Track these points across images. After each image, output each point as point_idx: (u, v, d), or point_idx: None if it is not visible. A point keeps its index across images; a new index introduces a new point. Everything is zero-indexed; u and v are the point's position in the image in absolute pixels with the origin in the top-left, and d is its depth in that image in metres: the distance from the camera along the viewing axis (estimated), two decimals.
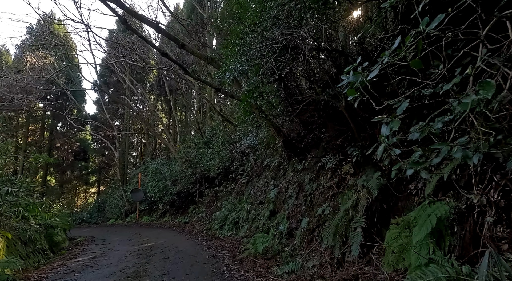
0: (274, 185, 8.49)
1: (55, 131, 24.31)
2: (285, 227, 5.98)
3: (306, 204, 6.08)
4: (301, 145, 7.47)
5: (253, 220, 8.11)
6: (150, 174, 16.57)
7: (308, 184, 6.41)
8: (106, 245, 9.35)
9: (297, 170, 7.31)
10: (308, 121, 7.12)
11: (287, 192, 7.42)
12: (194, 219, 14.02)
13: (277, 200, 7.65)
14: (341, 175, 5.18)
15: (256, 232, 7.29)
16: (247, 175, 11.39)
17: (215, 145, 12.70)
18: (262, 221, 7.31)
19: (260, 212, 8.15)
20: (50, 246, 8.86)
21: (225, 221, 9.99)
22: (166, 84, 20.65)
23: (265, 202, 8.51)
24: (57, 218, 11.61)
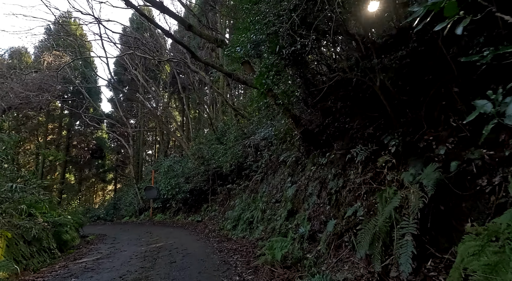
0: (292, 182, 7.63)
1: (73, 130, 24.61)
2: (307, 230, 5.13)
3: (331, 204, 5.19)
4: (322, 137, 6.57)
5: (268, 220, 7.30)
6: (162, 171, 16.16)
7: (332, 180, 5.52)
8: (115, 245, 8.87)
9: (318, 165, 6.43)
10: (330, 110, 6.20)
11: (306, 189, 6.55)
12: (207, 217, 13.41)
13: (296, 198, 6.80)
14: (376, 169, 4.26)
15: (272, 234, 6.47)
16: (262, 172, 10.59)
17: (227, 140, 12.00)
18: (279, 222, 6.48)
19: (276, 212, 7.33)
20: (58, 244, 8.46)
21: (238, 220, 9.25)
22: (179, 81, 20.22)
23: (281, 201, 7.68)
24: (69, 215, 11.37)
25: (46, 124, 22.82)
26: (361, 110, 5.06)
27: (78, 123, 25.12)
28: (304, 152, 7.95)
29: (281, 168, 9.54)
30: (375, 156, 4.43)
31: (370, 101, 4.90)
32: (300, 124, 6.81)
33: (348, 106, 5.42)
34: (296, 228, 5.74)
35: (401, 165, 3.83)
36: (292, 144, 8.88)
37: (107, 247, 8.42)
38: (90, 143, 24.22)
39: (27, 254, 6.64)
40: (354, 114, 5.27)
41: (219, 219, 12.08)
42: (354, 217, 4.25)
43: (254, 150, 10.87)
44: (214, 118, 15.01)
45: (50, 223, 8.54)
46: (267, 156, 10.05)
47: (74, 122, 24.46)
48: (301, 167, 7.84)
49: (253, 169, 11.17)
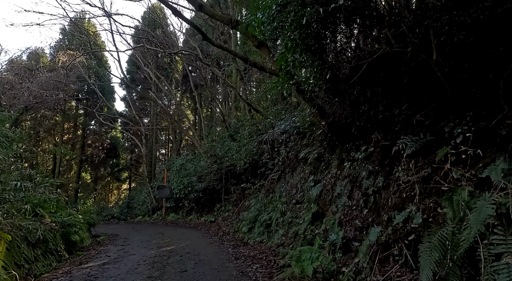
0: (315, 181, 6.78)
1: (88, 129, 24.69)
2: (339, 237, 4.28)
3: (368, 206, 4.32)
4: (351, 129, 5.68)
5: (289, 223, 6.48)
6: (175, 170, 15.64)
7: (367, 178, 4.64)
8: (125, 246, 8.33)
9: (347, 161, 5.55)
10: (364, 96, 5.29)
11: (333, 189, 5.69)
12: (220, 218, 12.73)
13: (321, 199, 5.95)
14: (433, 164, 3.36)
15: (295, 240, 5.66)
16: (278, 170, 9.77)
17: (241, 137, 11.25)
18: (302, 226, 5.65)
19: (298, 214, 6.50)
20: (67, 246, 7.99)
21: (254, 222, 8.48)
22: (191, 79, 19.71)
23: (303, 202, 6.84)
24: (80, 214, 10.97)
25: (62, 124, 22.97)
26: (407, 94, 4.15)
27: (93, 122, 25.19)
28: (328, 147, 7.08)
29: (300, 166, 8.69)
30: (430, 147, 3.53)
31: (418, 83, 3.99)
32: (325, 115, 5.95)
33: (389, 91, 4.52)
34: (325, 234, 4.90)
35: (473, 158, 2.92)
36: (313, 139, 8.02)
37: (117, 250, 7.87)
38: (104, 142, 24.20)
39: (31, 257, 6.13)
40: (396, 100, 4.36)
41: (233, 220, 11.37)
42: (404, 224, 3.37)
43: (270, 147, 10.07)
44: (227, 115, 14.33)
45: (59, 223, 8.09)
46: (285, 152, 9.22)
47: (89, 122, 24.53)
48: (325, 164, 6.98)
49: (269, 167, 10.37)
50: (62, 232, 7.97)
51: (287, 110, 7.92)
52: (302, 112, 6.50)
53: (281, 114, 8.55)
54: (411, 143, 3.56)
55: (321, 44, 4.14)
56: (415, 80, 4.02)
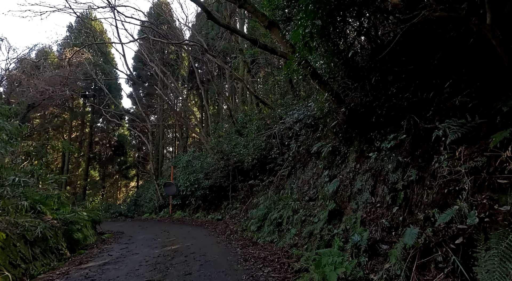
0: (330, 177, 6.21)
1: (95, 126, 24.61)
2: (363, 239, 3.71)
3: (398, 203, 3.73)
4: (372, 118, 5.08)
5: (302, 222, 5.93)
6: (181, 167, 15.24)
7: (394, 172, 4.05)
8: (128, 245, 7.94)
9: (368, 153, 4.95)
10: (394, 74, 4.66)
11: (352, 185, 5.11)
12: (228, 216, 12.27)
13: (338, 196, 5.37)
14: (484, 152, 2.76)
15: (310, 241, 5.11)
16: (288, 166, 9.22)
17: (249, 132, 10.72)
18: (318, 225, 5.10)
19: (312, 212, 5.94)
20: (69, 244, 7.63)
21: (263, 221, 7.96)
22: (197, 74, 19.29)
23: (317, 199, 6.28)
24: (85, 211, 10.67)
25: (70, 122, 22.94)
26: (446, 72, 3.53)
27: (101, 120, 25.09)
28: (344, 140, 6.49)
29: (312, 161, 8.12)
30: (477, 133, 2.92)
31: (462, 57, 3.38)
32: (342, 103, 5.36)
33: (423, 69, 3.90)
34: (345, 234, 4.33)
35: None
36: (326, 132, 7.44)
37: (120, 248, 7.48)
38: (112, 140, 24.08)
39: (28, 256, 5.76)
40: (432, 80, 3.74)
41: (240, 218, 10.88)
42: (448, 225, 2.78)
43: (279, 141, 9.51)
44: (234, 110, 13.84)
45: (61, 221, 7.74)
46: (295, 147, 8.65)
47: (97, 120, 24.43)
48: (341, 158, 6.39)
49: (278, 162, 9.83)
50: (64, 229, 7.62)
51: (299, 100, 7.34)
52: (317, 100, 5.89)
53: (292, 104, 7.97)
54: (456, 128, 2.95)
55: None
56: (457, 55, 3.41)
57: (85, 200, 21.39)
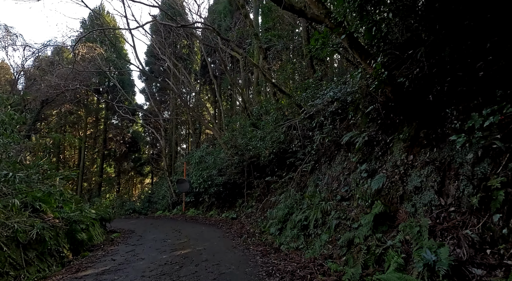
0: (369, 171, 5.05)
1: (109, 123, 24.37)
2: (442, 258, 2.57)
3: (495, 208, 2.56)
4: (429, 96, 3.89)
5: (336, 226, 4.82)
6: (194, 162, 14.43)
7: (477, 164, 2.87)
8: (136, 247, 7.14)
9: (428, 140, 3.77)
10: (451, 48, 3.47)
11: (405, 181, 3.94)
12: (243, 214, 11.33)
13: (382, 195, 4.22)
14: None
15: (349, 251, 4.00)
16: (311, 160, 8.10)
17: (265, 124, 9.66)
18: (360, 232, 3.98)
19: (347, 214, 4.82)
20: (72, 245, 6.91)
21: (284, 222, 6.92)
22: (210, 69, 18.43)
23: (353, 198, 5.15)
24: (93, 209, 10.04)
25: (85, 119, 22.82)
26: None
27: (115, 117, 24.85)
28: (384, 126, 5.31)
29: (341, 154, 6.96)
30: None
31: None
32: (391, 79, 4.18)
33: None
34: (404, 247, 3.20)
35: None
36: (358, 120, 6.25)
37: (126, 251, 6.68)
38: (125, 136, 23.78)
39: (20, 261, 5.03)
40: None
41: (257, 218, 9.90)
42: None
43: (300, 133, 8.38)
44: (248, 102, 12.82)
45: (64, 220, 7.04)
46: (319, 138, 7.50)
47: (111, 116, 24.17)
48: (380, 148, 5.21)
49: (298, 156, 8.72)
50: (66, 229, 6.92)
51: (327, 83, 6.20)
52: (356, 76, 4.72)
53: (320, 86, 6.81)
54: None
55: None
56: None
57: (100, 196, 21.20)
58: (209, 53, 19.98)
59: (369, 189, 4.53)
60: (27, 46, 17.11)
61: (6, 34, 15.60)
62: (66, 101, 18.25)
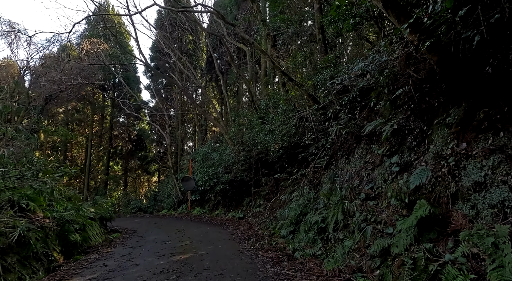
0: (401, 165, 4.18)
1: (115, 120, 23.94)
2: None
3: None
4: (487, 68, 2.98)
5: (362, 230, 3.96)
6: (199, 159, 13.72)
7: None
8: (134, 249, 6.45)
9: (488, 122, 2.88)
10: None
11: (457, 175, 3.06)
12: (250, 214, 10.54)
13: (424, 193, 3.35)
14: None
15: (385, 263, 3.15)
16: (326, 155, 7.23)
17: (274, 117, 8.83)
18: (398, 240, 3.12)
19: (377, 216, 3.95)
20: (64, 247, 6.26)
21: (297, 224, 6.09)
22: (216, 64, 17.71)
23: (382, 197, 4.27)
24: (92, 208, 9.45)
25: (91, 116, 22.48)
26: None
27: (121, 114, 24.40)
28: (419, 112, 4.42)
29: (361, 146, 6.08)
30: None
31: None
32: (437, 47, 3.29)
33: None
34: (471, 263, 2.33)
35: None
36: (385, 106, 5.35)
37: (122, 254, 5.99)
38: (131, 134, 23.33)
39: None
40: None
41: (266, 218, 9.09)
42: None
43: (314, 125, 7.52)
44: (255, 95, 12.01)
45: (56, 220, 6.40)
46: (335, 130, 6.62)
47: (117, 114, 23.72)
48: (414, 137, 4.32)
49: (311, 151, 7.86)
50: (57, 230, 6.27)
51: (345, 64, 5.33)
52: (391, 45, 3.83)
53: (339, 65, 5.92)
54: None
55: None
56: None
57: (106, 194, 20.79)
58: (215, 48, 19.26)
59: (405, 185, 3.65)
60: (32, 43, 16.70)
61: (10, 30, 15.20)
62: (70, 98, 17.84)
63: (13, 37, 15.37)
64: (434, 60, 3.28)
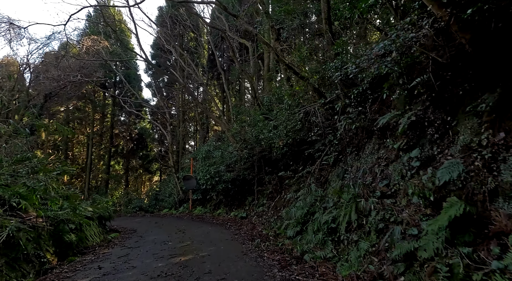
0: (422, 159, 3.77)
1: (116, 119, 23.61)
2: None
3: None
4: None
5: (380, 232, 3.57)
6: (200, 158, 13.35)
7: None
8: (132, 250, 6.10)
9: None
10: None
11: (497, 169, 2.65)
12: (253, 213, 10.16)
13: (452, 190, 2.94)
14: None
15: (410, 270, 2.75)
16: (334, 151, 6.83)
17: (279, 111, 8.44)
18: (427, 243, 2.72)
19: (397, 216, 3.55)
20: (58, 248, 5.90)
21: (305, 224, 5.70)
22: (217, 62, 17.32)
23: (400, 194, 3.87)
24: (91, 207, 9.10)
25: (92, 115, 22.18)
26: None
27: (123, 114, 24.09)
28: (440, 102, 4.02)
29: (372, 141, 5.68)
30: None
31: None
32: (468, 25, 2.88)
33: None
34: None
35: None
36: (398, 97, 4.95)
37: (119, 256, 5.63)
38: (133, 132, 22.99)
39: None
40: None
41: (269, 217, 8.70)
42: None
43: (321, 120, 7.11)
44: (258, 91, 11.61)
45: (50, 219, 6.04)
46: (344, 124, 6.22)
47: (119, 112, 23.38)
48: (436, 129, 3.92)
49: (318, 148, 7.46)
50: (51, 230, 5.92)
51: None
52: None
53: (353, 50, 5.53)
54: None
55: None
56: None
57: (106, 193, 20.47)
58: (216, 45, 18.88)
59: (430, 181, 3.25)
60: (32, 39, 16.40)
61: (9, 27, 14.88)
62: (71, 96, 17.52)
63: (5, 29, 14.99)
64: (466, 39, 2.88)
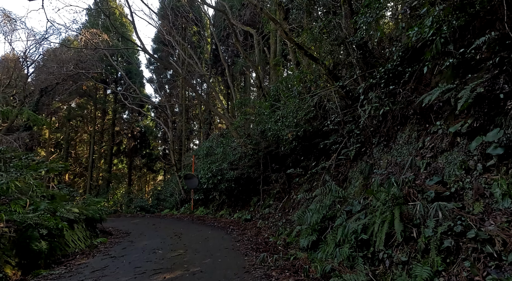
0: (507, 145, 2.53)
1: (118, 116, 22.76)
2: None
3: None
4: None
5: (447, 253, 2.35)
6: (201, 154, 12.26)
7: None
8: (113, 261, 5.03)
9: None
10: None
11: None
12: (258, 216, 9.02)
13: None
14: None
15: None
16: (355, 142, 5.60)
17: (289, 98, 7.26)
18: None
19: (476, 230, 2.33)
20: (24, 259, 4.85)
21: (322, 232, 4.51)
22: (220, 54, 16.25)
23: (473, 196, 2.63)
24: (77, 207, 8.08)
25: (94, 112, 21.38)
26: None
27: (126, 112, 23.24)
28: None
29: (407, 128, 4.47)
30: None
31: None
32: None
33: None
34: None
35: None
36: (448, 67, 3.73)
37: (93, 270, 4.55)
38: (135, 130, 22.12)
39: None
40: None
41: (277, 221, 7.55)
42: None
43: (339, 104, 5.90)
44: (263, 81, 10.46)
45: (17, 223, 5.01)
46: (369, 109, 5.00)
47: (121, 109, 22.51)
48: None
49: (334, 139, 6.24)
50: (14, 238, 4.86)
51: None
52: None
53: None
54: None
55: None
56: None
57: (107, 192, 19.61)
58: (220, 39, 17.85)
59: None
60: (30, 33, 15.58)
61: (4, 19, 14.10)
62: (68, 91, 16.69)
63: (8, 28, 14.19)
64: None
